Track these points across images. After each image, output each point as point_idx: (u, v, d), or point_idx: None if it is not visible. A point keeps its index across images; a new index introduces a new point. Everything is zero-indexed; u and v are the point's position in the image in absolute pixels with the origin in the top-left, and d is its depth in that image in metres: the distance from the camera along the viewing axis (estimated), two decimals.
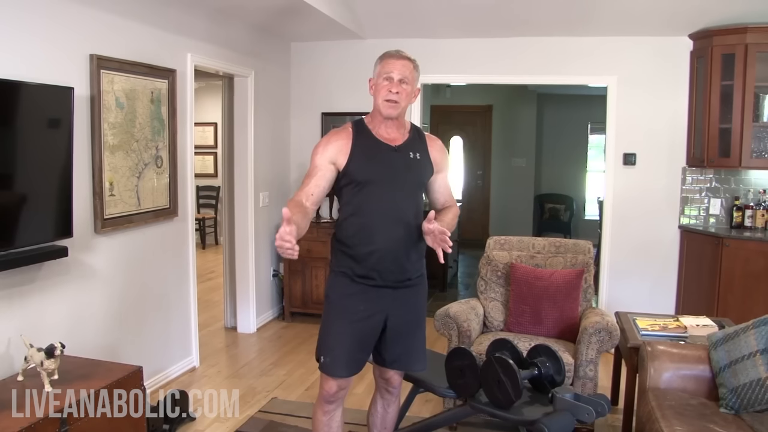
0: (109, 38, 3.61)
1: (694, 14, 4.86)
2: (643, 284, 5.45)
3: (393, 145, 2.56)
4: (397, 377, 2.79)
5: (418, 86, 2.64)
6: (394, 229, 2.51)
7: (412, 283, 2.62)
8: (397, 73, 2.50)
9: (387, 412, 2.86)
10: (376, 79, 2.56)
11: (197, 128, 9.27)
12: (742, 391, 2.76)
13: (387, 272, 2.53)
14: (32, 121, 2.98)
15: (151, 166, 3.97)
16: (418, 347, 2.69)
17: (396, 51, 2.59)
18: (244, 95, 5.30)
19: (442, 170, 2.71)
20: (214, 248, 9.58)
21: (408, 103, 2.56)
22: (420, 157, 2.59)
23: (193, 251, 4.55)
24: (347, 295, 2.56)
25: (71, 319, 3.41)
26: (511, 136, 10.13)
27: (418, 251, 2.61)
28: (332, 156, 2.51)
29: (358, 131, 2.57)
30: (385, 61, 2.55)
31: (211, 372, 4.56)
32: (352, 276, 2.55)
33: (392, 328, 2.60)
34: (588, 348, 3.43)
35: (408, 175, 2.56)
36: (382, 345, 2.64)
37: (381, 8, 5.16)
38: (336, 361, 2.54)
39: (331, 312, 2.59)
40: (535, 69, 5.57)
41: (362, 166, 2.50)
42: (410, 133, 2.65)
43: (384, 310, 2.57)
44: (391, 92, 2.49)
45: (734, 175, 5.25)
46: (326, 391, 2.61)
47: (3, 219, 2.85)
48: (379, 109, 2.54)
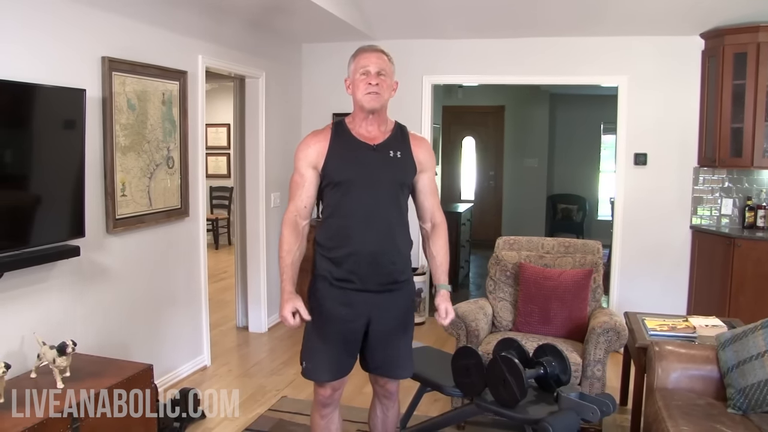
0: (121, 40, 3.66)
1: (706, 13, 4.84)
2: (654, 285, 5.43)
3: (372, 143, 2.49)
4: (393, 383, 2.71)
5: (395, 80, 2.55)
6: (372, 230, 2.44)
7: (396, 288, 2.53)
8: (373, 66, 2.43)
9: (387, 417, 2.79)
10: (352, 76, 2.49)
11: (210, 129, 9.43)
12: (749, 392, 2.74)
13: (366, 276, 2.46)
14: (46, 122, 3.03)
15: (162, 167, 4.02)
16: (402, 354, 2.62)
17: (369, 45, 2.53)
18: (255, 96, 5.33)
19: (426, 170, 2.61)
20: (227, 248, 9.65)
21: (389, 96, 2.49)
22: (401, 156, 2.51)
23: (205, 251, 4.60)
24: (327, 299, 2.50)
25: (83, 317, 3.46)
26: (523, 136, 10.11)
27: (402, 254, 2.54)
28: (312, 160, 2.47)
29: (336, 131, 2.51)
30: (360, 56, 2.48)
31: (222, 371, 4.60)
32: (330, 280, 2.49)
33: (375, 333, 2.54)
34: (596, 348, 3.43)
35: (387, 175, 2.48)
36: (366, 350, 2.59)
37: (391, 9, 5.18)
38: (318, 366, 2.51)
39: (311, 316, 2.52)
40: (547, 69, 5.57)
41: (339, 166, 2.45)
42: (392, 131, 2.56)
43: (365, 314, 2.50)
44: (370, 84, 2.42)
45: (746, 175, 5.22)
46: (321, 395, 2.59)
47: (17, 219, 2.90)
48: (361, 104, 2.46)
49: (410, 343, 2.67)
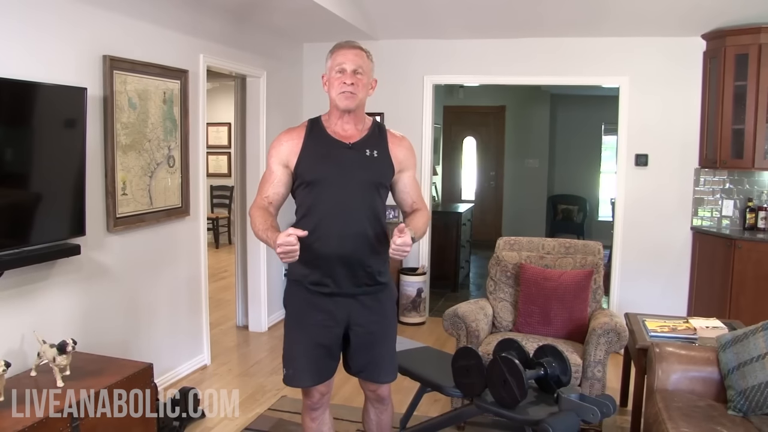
0: (122, 39, 3.66)
1: (708, 14, 4.84)
2: (654, 286, 5.43)
3: (348, 142, 2.42)
4: (383, 388, 2.65)
5: (374, 77, 2.47)
6: (346, 232, 2.37)
7: (372, 291, 2.47)
8: (350, 64, 2.35)
9: (381, 420, 2.75)
10: (328, 73, 2.41)
11: (211, 128, 9.43)
12: (750, 394, 2.74)
13: (341, 279, 2.40)
14: (46, 121, 3.03)
15: (163, 166, 4.02)
16: (385, 358, 2.56)
17: (347, 42, 2.43)
18: (256, 96, 5.33)
19: (407, 169, 2.53)
20: (227, 248, 9.65)
21: (366, 95, 2.42)
22: (378, 155, 2.44)
23: (205, 250, 4.60)
24: (303, 304, 2.46)
25: (83, 316, 3.46)
26: (524, 136, 10.11)
27: (378, 256, 2.46)
28: (284, 158, 2.42)
29: (311, 129, 2.46)
30: (336, 53, 2.39)
31: (222, 370, 4.60)
32: (305, 284, 2.43)
33: (356, 338, 2.49)
34: (596, 349, 3.43)
35: (362, 175, 2.40)
36: (348, 354, 2.55)
37: (393, 9, 5.18)
38: (299, 372, 2.47)
39: (288, 322, 2.50)
40: (548, 69, 5.57)
41: (311, 165, 2.39)
42: (369, 129, 2.48)
43: (344, 319, 2.45)
44: (345, 84, 2.34)
45: (747, 176, 5.21)
46: (309, 401, 2.57)
47: (18, 217, 2.90)
48: (336, 103, 2.39)
49: (393, 346, 2.62)
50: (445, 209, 7.77)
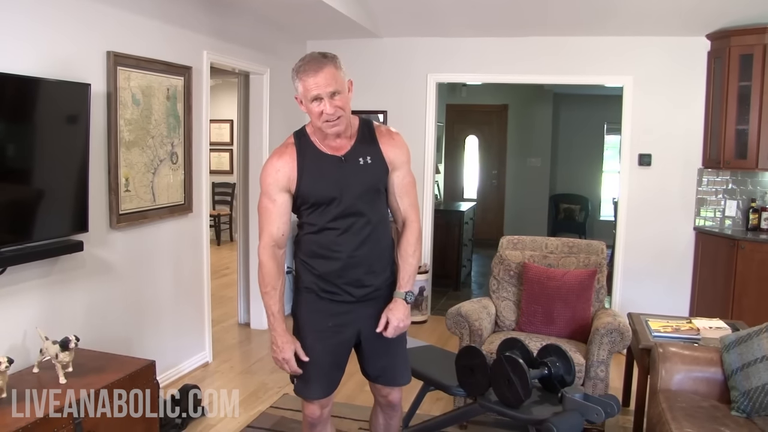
0: (126, 35, 3.65)
1: (712, 14, 4.82)
2: (657, 286, 5.42)
3: (339, 155, 2.36)
4: (396, 394, 2.64)
5: (348, 79, 2.30)
6: (354, 243, 2.37)
7: (380, 294, 2.46)
8: (323, 89, 2.19)
9: (390, 425, 2.73)
10: (302, 97, 2.25)
11: (213, 125, 9.41)
12: (754, 395, 2.73)
13: (352, 287, 2.40)
14: (50, 116, 3.02)
15: (166, 163, 4.01)
16: (399, 361, 2.58)
17: (310, 59, 2.22)
18: (259, 93, 5.33)
19: (398, 168, 2.46)
20: (229, 245, 9.64)
21: (350, 107, 2.29)
22: (372, 161, 2.38)
23: (207, 247, 4.59)
24: (314, 312, 2.44)
25: (86, 312, 3.45)
26: (526, 135, 10.10)
27: (384, 261, 2.48)
28: (284, 184, 2.34)
29: (301, 147, 2.37)
30: (305, 80, 2.20)
31: (224, 367, 4.59)
32: (317, 292, 2.42)
33: (368, 343, 2.49)
34: (599, 349, 3.42)
35: (360, 185, 2.37)
36: (363, 360, 2.55)
37: (397, 7, 5.17)
38: (309, 383, 2.45)
39: (299, 331, 2.47)
40: (551, 68, 5.55)
41: (312, 186, 2.33)
42: (358, 133, 2.40)
43: (354, 324, 2.45)
44: (327, 113, 2.21)
45: (751, 176, 5.20)
46: (309, 416, 2.51)
47: (21, 213, 2.90)
48: (322, 130, 2.29)
49: (405, 350, 2.63)
50: (447, 208, 7.77)
